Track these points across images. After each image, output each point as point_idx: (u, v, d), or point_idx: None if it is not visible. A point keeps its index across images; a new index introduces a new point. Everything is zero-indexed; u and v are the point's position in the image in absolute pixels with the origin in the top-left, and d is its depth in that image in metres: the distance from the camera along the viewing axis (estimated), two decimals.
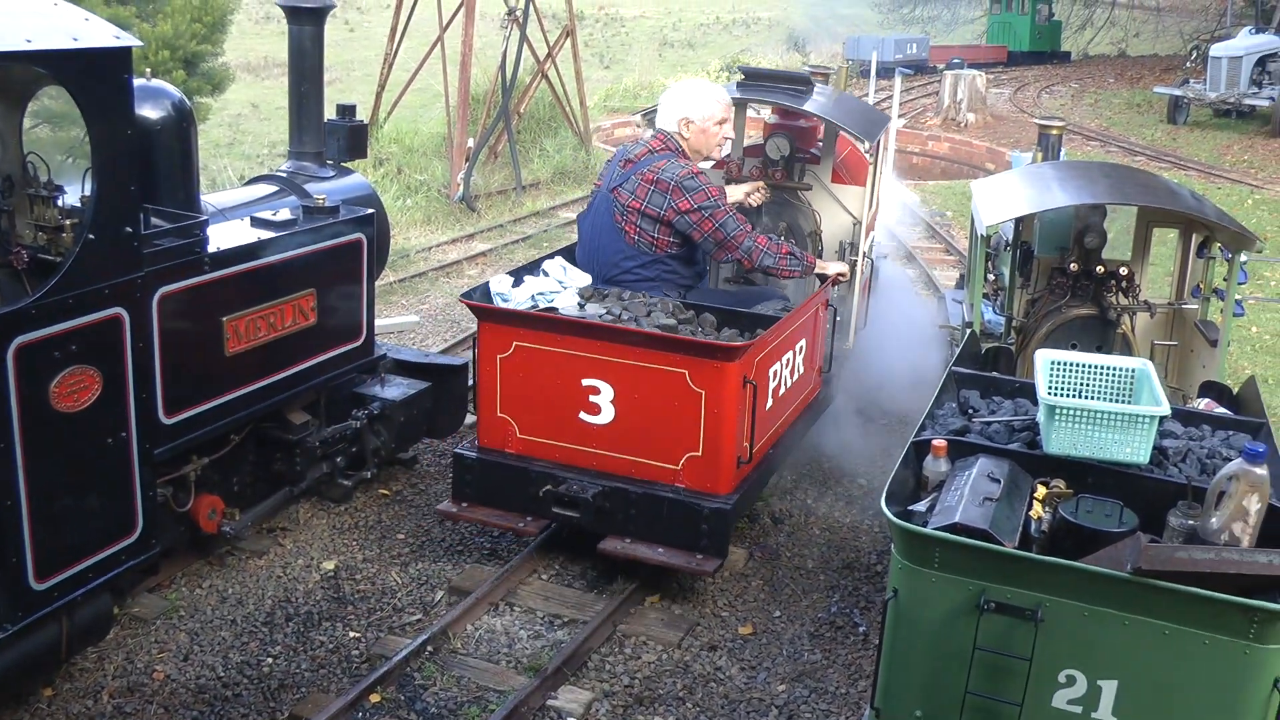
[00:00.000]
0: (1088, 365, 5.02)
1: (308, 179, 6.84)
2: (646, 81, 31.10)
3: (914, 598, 4.03)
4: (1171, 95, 27.34)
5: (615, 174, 6.73)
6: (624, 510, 6.10)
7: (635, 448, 6.12)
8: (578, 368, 6.07)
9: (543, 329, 6.13)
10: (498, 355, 6.25)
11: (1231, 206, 17.28)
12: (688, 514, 5.99)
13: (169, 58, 18.60)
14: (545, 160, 18.23)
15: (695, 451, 6.02)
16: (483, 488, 6.36)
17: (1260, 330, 11.26)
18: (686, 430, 5.99)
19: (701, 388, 5.89)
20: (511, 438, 6.34)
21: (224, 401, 5.70)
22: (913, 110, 28.56)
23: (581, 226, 7.04)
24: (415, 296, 11.37)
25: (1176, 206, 6.47)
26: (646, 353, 5.95)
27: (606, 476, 6.13)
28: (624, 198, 6.59)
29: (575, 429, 6.17)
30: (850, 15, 53.47)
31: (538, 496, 6.16)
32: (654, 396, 5.99)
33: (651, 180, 6.53)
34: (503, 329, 6.22)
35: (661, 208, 6.52)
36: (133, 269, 4.87)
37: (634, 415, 6.06)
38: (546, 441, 6.28)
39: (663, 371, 5.93)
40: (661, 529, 6.05)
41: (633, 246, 6.63)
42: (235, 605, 5.99)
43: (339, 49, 37.96)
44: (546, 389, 6.19)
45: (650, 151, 6.70)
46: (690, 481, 6.05)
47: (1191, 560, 3.74)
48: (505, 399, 6.30)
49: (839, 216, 8.44)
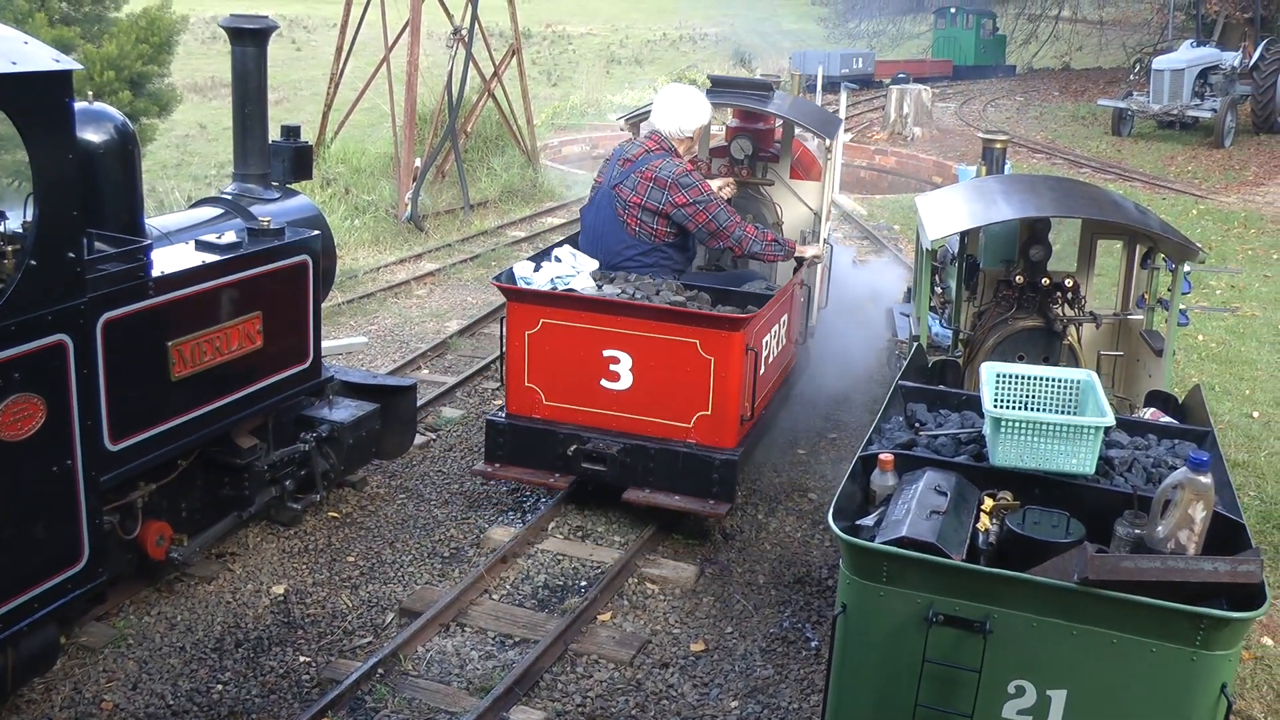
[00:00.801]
0: (1033, 377, 5.07)
1: (253, 201, 6.80)
2: (594, 99, 31.11)
3: (863, 612, 4.05)
4: (1115, 108, 27.65)
5: (615, 172, 7.48)
6: (643, 464, 6.97)
7: (652, 409, 7.00)
8: (600, 340, 6.94)
9: (568, 307, 6.98)
10: (525, 331, 7.10)
11: (1176, 216, 17.52)
12: (700, 465, 6.88)
13: (114, 78, 18.43)
14: (493, 179, 18.20)
15: (705, 411, 6.92)
16: (513, 449, 7.22)
17: (1206, 338, 11.40)
18: (697, 392, 6.89)
19: (711, 355, 6.79)
20: (538, 404, 7.19)
21: (171, 427, 5.64)
22: (859, 125, 28.73)
23: (585, 219, 7.78)
24: (364, 317, 11.32)
25: (1120, 219, 6.55)
26: (662, 325, 6.84)
27: (627, 435, 7.01)
28: (625, 193, 7.37)
29: (597, 395, 7.05)
30: (796, 30, 53.79)
31: (566, 455, 7.04)
32: (668, 364, 6.88)
33: (650, 178, 7.32)
34: (531, 308, 7.06)
35: (660, 202, 7.31)
36: (76, 295, 4.82)
37: (650, 381, 6.95)
38: (571, 407, 7.13)
39: (676, 342, 6.83)
40: (677, 479, 6.95)
41: (633, 237, 7.41)
42: (184, 632, 5.93)
43: (286, 68, 37.77)
44: (571, 360, 7.04)
45: (647, 151, 7.46)
46: (701, 437, 6.96)
47: (1137, 569, 3.78)
48: (533, 370, 7.16)
49: (798, 209, 9.64)
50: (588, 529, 7.27)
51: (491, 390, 9.49)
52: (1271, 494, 7.85)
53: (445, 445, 8.38)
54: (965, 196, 7.12)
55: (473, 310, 11.71)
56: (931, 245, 6.48)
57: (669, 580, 6.69)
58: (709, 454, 6.89)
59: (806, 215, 9.60)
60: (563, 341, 7.03)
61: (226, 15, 6.84)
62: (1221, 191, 20.76)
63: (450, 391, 9.29)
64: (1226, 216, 18.14)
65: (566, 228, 16.13)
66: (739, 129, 9.73)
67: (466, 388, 9.49)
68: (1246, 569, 3.81)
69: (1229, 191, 20.78)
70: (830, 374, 9.52)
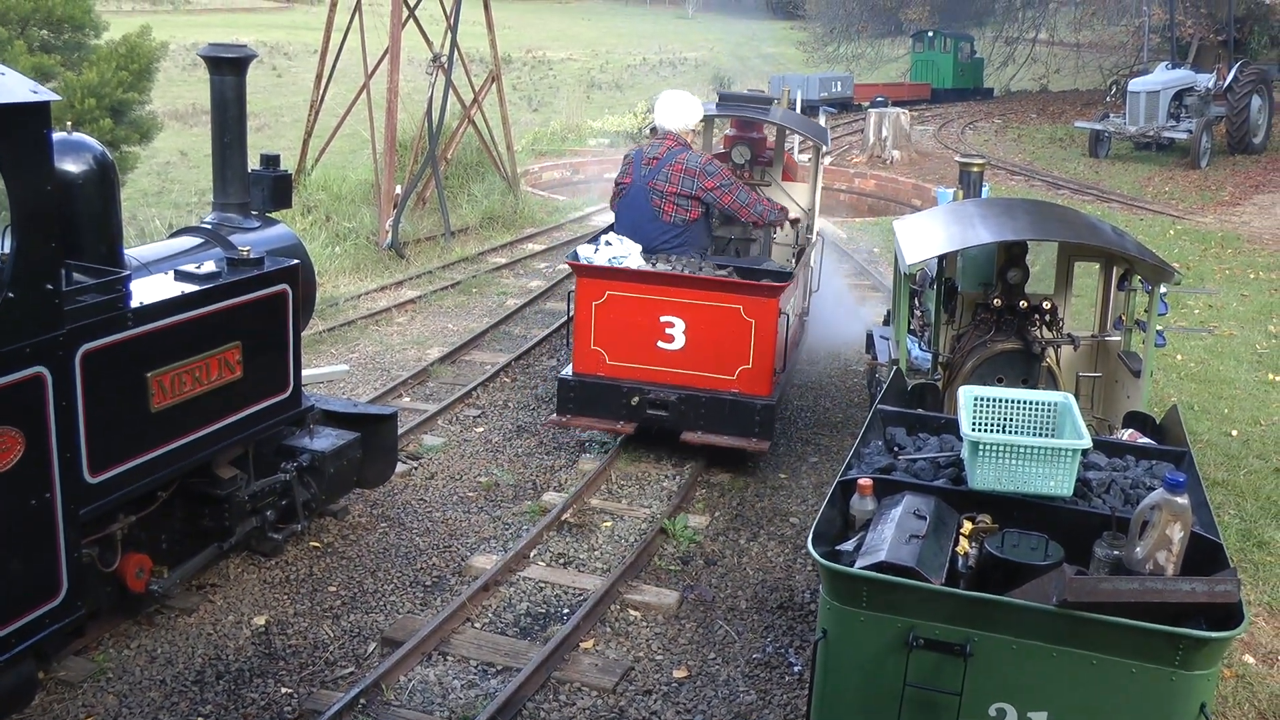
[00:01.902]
0: (1010, 400, 5.09)
1: (232, 230, 6.79)
2: (574, 124, 31.18)
3: (843, 637, 4.06)
4: (1092, 130, 27.84)
5: (644, 170, 8.80)
6: (696, 411, 8.32)
7: (702, 365, 8.32)
8: (657, 308, 8.29)
9: (630, 280, 8.32)
10: (593, 302, 8.40)
11: (1154, 237, 17.62)
12: (744, 410, 8.25)
13: (95, 106, 18.41)
14: (474, 205, 18.22)
15: (747, 365, 8.25)
16: (582, 402, 8.53)
17: (1185, 358, 11.46)
18: (740, 350, 8.23)
19: (752, 318, 8.16)
20: (603, 364, 8.48)
21: (151, 458, 5.61)
22: (839, 148, 28.84)
23: (619, 213, 9.07)
24: (345, 345, 11.30)
25: (1096, 241, 6.59)
26: (711, 294, 8.21)
27: (681, 388, 8.34)
28: (660, 185, 8.71)
29: (655, 354, 8.37)
30: (775, 54, 54.05)
31: (630, 404, 8.37)
32: (716, 326, 8.23)
33: (681, 169, 8.70)
34: (598, 282, 8.37)
35: (693, 188, 8.69)
36: (54, 327, 4.81)
37: (700, 341, 8.28)
38: (633, 365, 8.43)
39: (723, 308, 8.18)
40: (725, 423, 8.30)
41: (668, 221, 8.76)
42: (165, 665, 5.90)
43: (267, 95, 37.78)
44: (632, 325, 8.36)
45: (669, 149, 8.82)
46: (743, 387, 8.28)
47: (1116, 591, 3.80)
48: (598, 334, 8.45)
49: (789, 206, 10.83)
50: (570, 555, 7.27)
51: (473, 417, 9.49)
52: (1251, 512, 7.89)
53: (427, 473, 8.37)
54: (943, 220, 7.15)
55: (454, 337, 11.70)
56: (910, 269, 6.51)
57: (651, 606, 6.69)
58: (751, 401, 8.23)
59: (797, 211, 11.14)
60: (625, 309, 8.35)
61: (206, 43, 6.85)
62: (1198, 212, 20.89)
63: (432, 419, 9.28)
64: (1204, 236, 18.25)
65: (548, 254, 16.16)
66: (737, 137, 11.46)
67: (448, 415, 9.48)
68: (1224, 589, 3.83)
69: (1206, 212, 20.91)
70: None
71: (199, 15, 67.81)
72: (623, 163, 9.18)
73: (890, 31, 50.04)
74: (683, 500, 8.03)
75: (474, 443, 9.01)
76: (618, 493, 8.24)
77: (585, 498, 8.03)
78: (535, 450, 8.94)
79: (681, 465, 8.67)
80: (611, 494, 8.21)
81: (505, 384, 10.41)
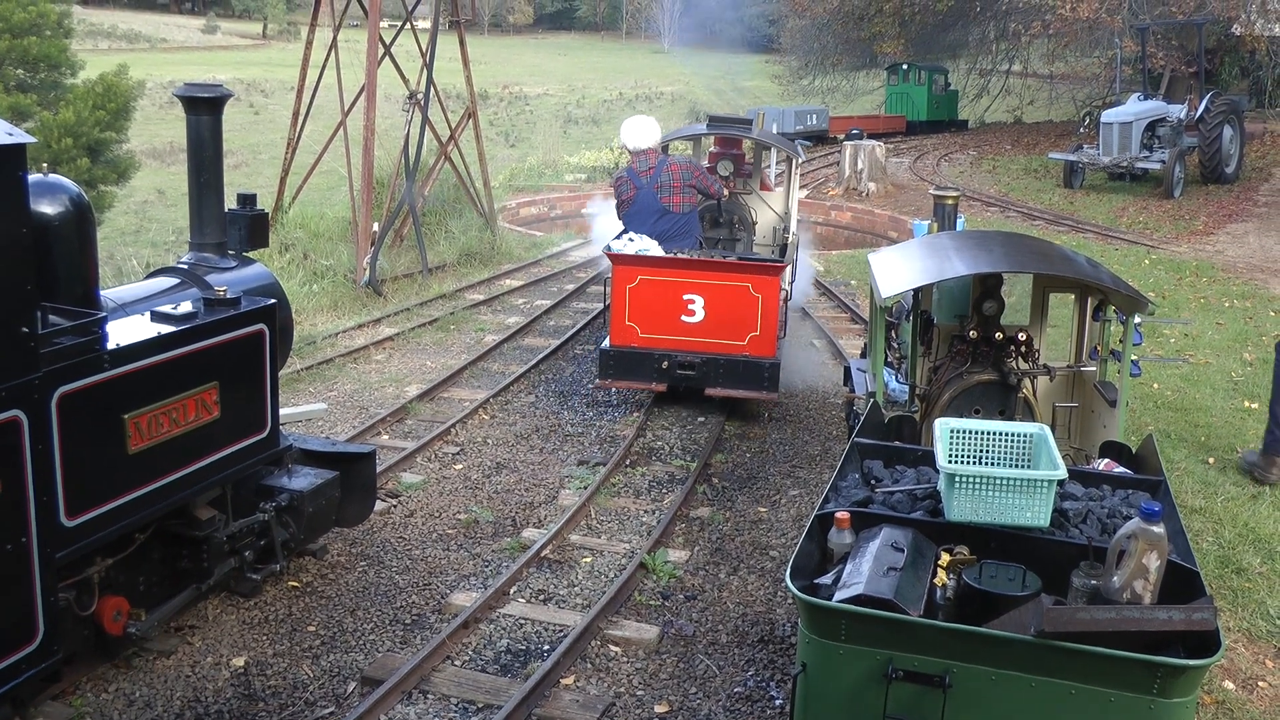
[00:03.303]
0: (986, 431, 5.12)
1: (209, 270, 6.79)
2: (551, 159, 31.28)
3: (823, 670, 4.07)
4: (1066, 160, 28.02)
5: (644, 181, 10.69)
6: (716, 370, 10.14)
7: (718, 334, 10.13)
8: (681, 289, 10.13)
9: (659, 266, 10.17)
10: (626, 286, 10.16)
11: (1129, 266, 17.74)
12: (755, 368, 10.09)
13: (72, 145, 18.44)
14: (451, 242, 18.25)
15: (755, 332, 10.11)
16: (620, 368, 10.29)
17: (1161, 386, 11.52)
18: (749, 320, 10.09)
19: (759, 293, 10.03)
20: (635, 336, 10.23)
21: (128, 500, 5.58)
22: (814, 180, 29.00)
23: (631, 219, 10.80)
24: (323, 383, 11.29)
25: (1071, 273, 6.63)
26: (725, 275, 10.10)
27: (702, 353, 10.14)
28: (665, 184, 10.66)
29: (679, 326, 10.18)
30: (751, 88, 54.41)
31: (661, 368, 10.14)
32: (729, 301, 10.08)
33: (678, 169, 10.76)
34: (631, 269, 10.15)
35: (690, 179, 10.80)
36: (30, 370, 4.80)
37: (717, 314, 10.10)
38: (661, 336, 10.20)
39: (734, 286, 10.05)
40: (740, 379, 10.14)
41: (677, 212, 10.73)
42: (143, 708, 5.86)
43: (244, 132, 37.84)
44: (660, 303, 10.14)
45: (657, 159, 10.77)
46: (753, 350, 10.12)
47: (1093, 620, 3.82)
48: (631, 312, 10.19)
49: (767, 212, 13.85)
50: (550, 592, 7.26)
51: (452, 455, 9.48)
52: (1229, 539, 7.92)
53: (406, 511, 8.35)
54: (918, 253, 7.19)
55: (432, 374, 11.70)
56: (886, 302, 6.54)
57: (632, 642, 6.68)
58: (760, 360, 10.08)
59: (773, 216, 13.83)
60: (653, 290, 10.13)
61: (183, 81, 6.86)
62: (1172, 241, 21.04)
63: (410, 457, 9.27)
64: (1178, 265, 18.38)
65: (526, 289, 16.18)
66: (720, 154, 13.58)
67: (426, 452, 9.47)
68: (1201, 616, 3.85)
69: (1180, 241, 21.06)
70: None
71: (175, 53, 67.97)
72: (618, 185, 11.01)
73: (865, 64, 50.36)
74: (662, 535, 8.03)
75: (453, 480, 9.00)
76: (597, 528, 8.24)
77: (565, 534, 8.03)
78: (514, 487, 8.94)
79: (661, 500, 8.68)
80: (591, 529, 8.21)
81: (484, 420, 10.41)
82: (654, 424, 10.47)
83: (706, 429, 10.34)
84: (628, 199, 10.81)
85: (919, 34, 45.11)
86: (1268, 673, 6.44)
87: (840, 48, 48.95)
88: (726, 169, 13.08)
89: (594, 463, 9.45)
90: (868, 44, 46.55)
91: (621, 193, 10.91)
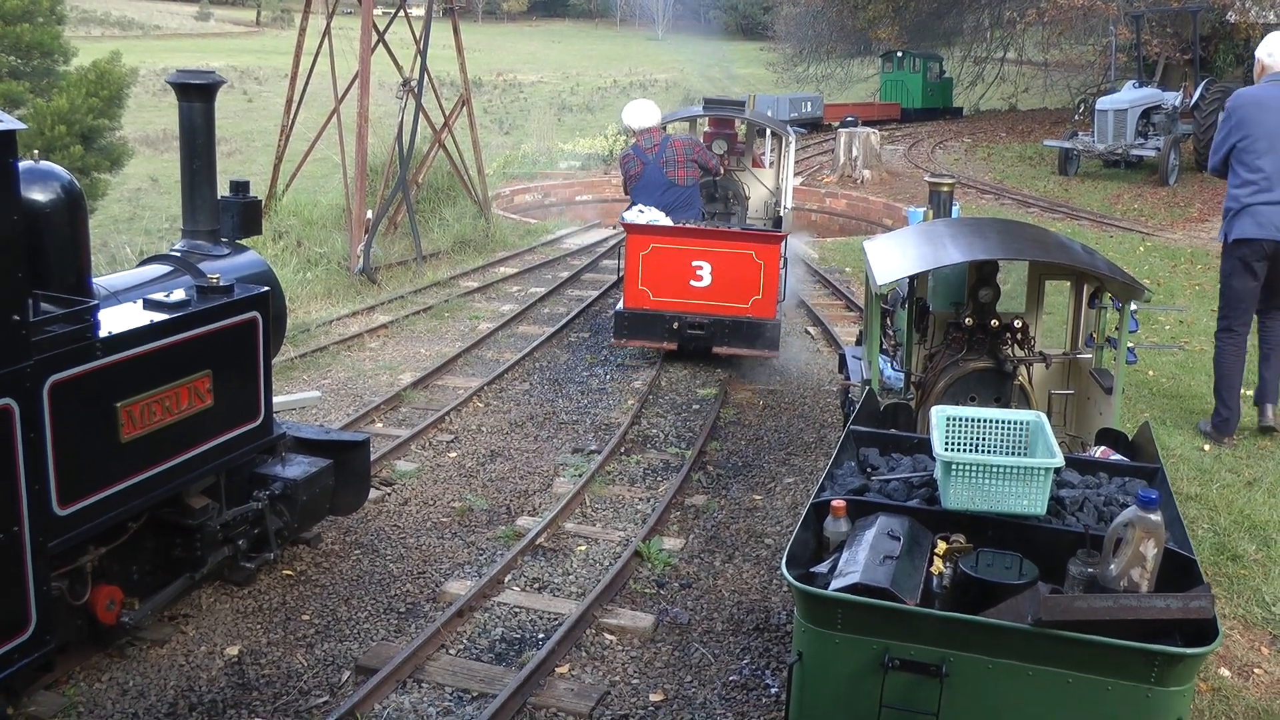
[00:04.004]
0: (982, 419, 5.10)
1: (201, 258, 6.75)
2: (545, 147, 31.22)
3: (819, 660, 4.05)
4: (1061, 148, 28.03)
5: (651, 158, 11.76)
6: (721, 330, 11.19)
7: (724, 297, 11.15)
8: (690, 255, 11.14)
9: (670, 234, 11.17)
10: (640, 253, 11.15)
11: (1124, 254, 17.73)
12: (756, 329, 11.16)
13: (66, 133, 18.38)
14: (445, 230, 18.20)
15: (758, 295, 11.12)
16: (633, 328, 11.33)
17: (1157, 374, 11.50)
18: (752, 284, 11.10)
19: (761, 260, 11.06)
20: (647, 299, 11.22)
21: (121, 489, 5.56)
22: (809, 168, 28.96)
23: (638, 192, 11.78)
24: (317, 371, 11.26)
25: (1066, 260, 6.62)
26: (730, 243, 11.17)
27: (710, 315, 11.16)
28: (669, 159, 11.73)
29: (689, 291, 11.17)
30: (745, 75, 54.31)
31: (671, 328, 11.18)
32: (734, 267, 11.09)
33: (679, 145, 11.88)
34: (644, 237, 11.15)
35: (692, 154, 11.86)
36: (21, 358, 4.77)
37: (723, 279, 11.11)
38: (671, 299, 11.20)
39: (739, 253, 11.09)
40: (743, 338, 11.21)
41: (682, 185, 11.76)
42: (136, 698, 5.84)
43: (238, 120, 37.76)
44: (670, 269, 11.14)
45: (661, 138, 11.93)
46: (755, 312, 11.16)
47: (1090, 609, 3.81)
48: (644, 277, 11.18)
49: (758, 188, 15.00)
50: (544, 580, 7.24)
51: (446, 442, 9.46)
52: (1224, 525, 7.91)
53: (400, 499, 8.33)
54: (913, 240, 7.18)
55: (426, 362, 11.68)
56: (881, 289, 6.52)
57: (627, 630, 6.66)
58: (761, 322, 11.13)
59: (764, 192, 14.98)
60: (665, 257, 11.14)
61: (176, 69, 6.83)
62: (1167, 228, 21.03)
63: (404, 444, 9.24)
64: (1173, 253, 18.37)
65: (520, 277, 16.15)
66: (715, 134, 14.53)
67: (421, 440, 9.45)
68: (1198, 605, 3.85)
69: (1174, 228, 21.06)
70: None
71: (169, 40, 67.81)
72: (625, 162, 12.10)
73: (859, 52, 50.37)
74: (658, 523, 8.01)
75: (447, 468, 8.98)
76: (592, 516, 8.22)
77: (560, 522, 8.01)
78: (509, 475, 8.92)
79: (656, 488, 8.67)
80: (586, 518, 8.20)
81: (478, 408, 10.39)
82: (649, 411, 10.45)
83: (701, 416, 10.32)
84: (635, 174, 11.80)
85: (914, 21, 45.14)
86: (1263, 659, 6.44)
87: (835, 35, 48.97)
88: (720, 148, 14.03)
89: (589, 450, 9.43)
90: (862, 31, 46.58)
91: (629, 169, 11.91)
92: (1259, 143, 8.65)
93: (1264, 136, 8.64)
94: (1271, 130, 8.63)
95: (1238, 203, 8.79)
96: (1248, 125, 8.71)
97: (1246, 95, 8.92)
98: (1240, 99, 8.91)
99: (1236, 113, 8.83)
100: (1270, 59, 8.83)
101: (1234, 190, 8.83)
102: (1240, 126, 8.76)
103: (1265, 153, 8.62)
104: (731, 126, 14.74)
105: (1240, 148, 8.75)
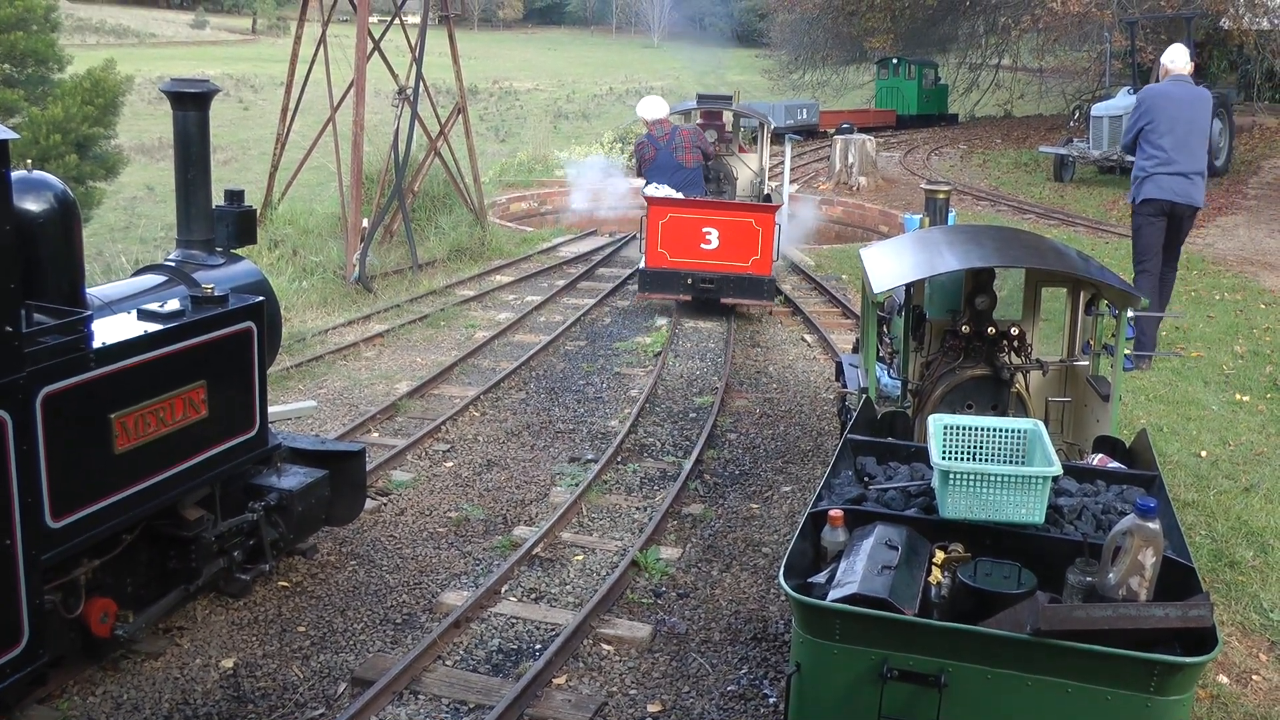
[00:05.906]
0: (980, 427, 5.08)
1: (196, 268, 6.73)
2: (541, 154, 31.21)
3: (817, 670, 4.03)
4: (1056, 154, 28.02)
5: (662, 144, 14.13)
6: (727, 285, 13.56)
7: (729, 257, 13.51)
8: (701, 223, 13.50)
9: (684, 206, 13.59)
10: (659, 221, 13.52)
11: (1120, 260, 17.69)
12: (757, 284, 13.55)
13: (61, 141, 18.37)
14: (441, 238, 18.17)
15: (757, 255, 13.49)
16: (653, 284, 13.72)
17: (1154, 380, 11.50)
18: (752, 246, 13.45)
19: (760, 226, 13.46)
20: (665, 260, 13.57)
21: (115, 501, 5.53)
22: (805, 174, 28.96)
23: (652, 173, 14.11)
24: (312, 381, 11.23)
25: (1062, 267, 6.60)
26: (734, 213, 13.69)
27: (718, 272, 13.50)
28: (678, 145, 14.12)
29: (699, 252, 13.53)
30: (741, 82, 54.29)
31: (686, 283, 13.52)
32: (737, 232, 13.47)
33: (688, 134, 14.34)
34: (663, 208, 13.52)
35: (696, 141, 14.32)
36: (14, 369, 4.75)
37: (728, 242, 13.46)
38: (685, 260, 13.54)
39: (741, 221, 13.53)
40: (746, 291, 13.64)
41: (689, 167, 14.14)
42: (131, 711, 5.81)
43: (234, 128, 37.76)
44: (684, 234, 13.49)
45: (671, 128, 14.33)
46: (755, 270, 13.52)
47: (1089, 619, 3.79)
48: (663, 241, 13.50)
49: (744, 171, 17.37)
50: (541, 590, 7.22)
51: (442, 452, 9.43)
52: (1222, 532, 7.90)
53: (396, 509, 8.31)
54: (909, 248, 7.16)
55: (422, 371, 11.65)
56: (877, 297, 6.51)
57: (624, 640, 6.64)
58: (760, 278, 13.51)
59: (749, 174, 17.36)
60: (680, 225, 13.50)
61: (171, 77, 6.81)
62: None
63: (400, 454, 9.21)
64: None
65: (517, 285, 16.13)
66: (705, 124, 17.04)
67: (417, 450, 9.42)
68: (1197, 614, 3.83)
69: None
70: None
71: (164, 48, 67.82)
72: (640, 148, 14.53)
73: (855, 58, 50.43)
74: (654, 532, 7.99)
75: (443, 478, 8.95)
76: (589, 526, 8.20)
77: (556, 531, 7.99)
78: (505, 484, 8.89)
79: (653, 497, 8.65)
80: (583, 527, 8.17)
81: (474, 418, 10.37)
82: (645, 420, 10.43)
83: (698, 424, 10.30)
84: (649, 158, 14.23)
85: (909, 28, 45.19)
86: (1261, 666, 6.42)
87: (830, 42, 49.04)
88: (711, 136, 16.24)
89: (585, 459, 9.41)
90: (858, 38, 46.62)
91: (644, 154, 14.37)
92: (1161, 125, 11.00)
93: (1165, 121, 10.98)
94: (1172, 117, 10.97)
95: (1144, 172, 11.17)
96: (1153, 113, 11.06)
97: (1154, 90, 11.35)
98: (1149, 92, 11.36)
99: (1145, 103, 11.20)
100: (1172, 64, 11.34)
101: (1141, 163, 11.24)
102: (1147, 114, 11.12)
103: (1165, 134, 10.97)
104: (720, 118, 17.56)
105: (1146, 129, 11.11)
